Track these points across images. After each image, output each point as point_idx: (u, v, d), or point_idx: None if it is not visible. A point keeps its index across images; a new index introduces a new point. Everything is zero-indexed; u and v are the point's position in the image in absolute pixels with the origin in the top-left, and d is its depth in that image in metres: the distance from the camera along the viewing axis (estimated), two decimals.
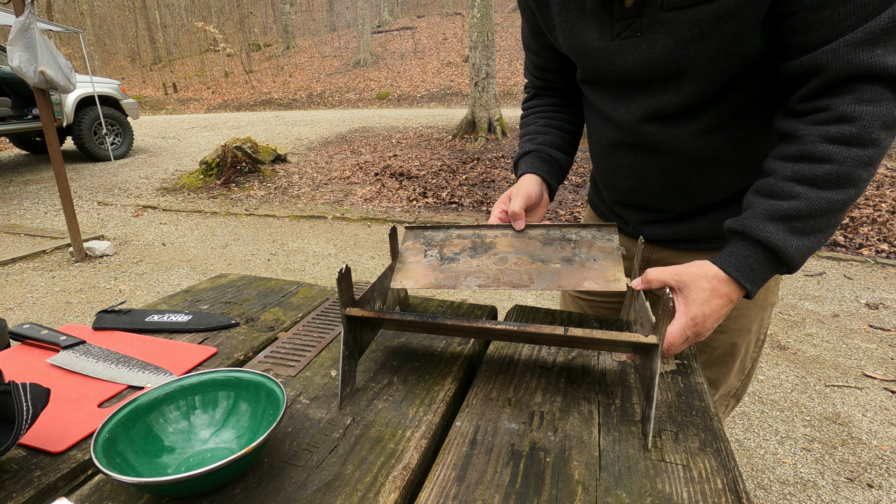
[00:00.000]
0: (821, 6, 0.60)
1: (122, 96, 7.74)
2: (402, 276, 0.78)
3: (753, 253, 0.65)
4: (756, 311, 0.92)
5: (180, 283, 3.48)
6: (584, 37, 0.79)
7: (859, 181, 0.62)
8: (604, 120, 0.88)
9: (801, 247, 0.63)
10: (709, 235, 0.88)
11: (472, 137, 7.85)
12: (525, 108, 1.06)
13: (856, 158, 0.60)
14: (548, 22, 0.85)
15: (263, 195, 5.78)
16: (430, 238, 0.83)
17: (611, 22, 0.74)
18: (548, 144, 0.95)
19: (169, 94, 20.57)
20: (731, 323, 0.91)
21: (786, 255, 0.63)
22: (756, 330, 0.95)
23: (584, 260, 0.75)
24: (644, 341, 0.58)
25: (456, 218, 4.76)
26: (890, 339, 2.55)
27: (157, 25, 31.58)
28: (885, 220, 4.09)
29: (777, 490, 1.68)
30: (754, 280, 0.65)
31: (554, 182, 0.93)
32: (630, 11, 0.71)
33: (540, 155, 0.94)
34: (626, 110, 0.81)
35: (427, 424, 0.61)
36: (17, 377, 0.71)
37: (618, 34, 0.74)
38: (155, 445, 0.56)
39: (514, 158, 0.98)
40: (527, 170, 0.92)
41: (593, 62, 0.80)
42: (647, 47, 0.72)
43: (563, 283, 0.72)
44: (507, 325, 0.63)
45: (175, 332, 0.87)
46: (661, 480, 0.52)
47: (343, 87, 17.34)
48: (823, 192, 0.62)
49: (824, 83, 0.62)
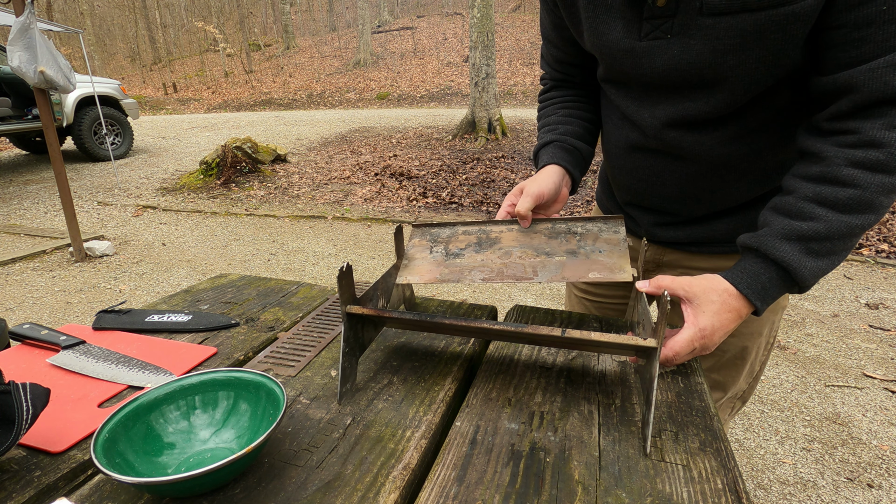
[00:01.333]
0: (865, 23, 0.57)
1: (122, 96, 7.74)
2: (408, 273, 0.78)
3: (766, 271, 0.64)
4: (768, 314, 0.91)
5: (180, 283, 3.48)
6: (609, 35, 0.75)
7: (880, 208, 0.61)
8: (624, 120, 0.85)
9: (815, 268, 0.63)
10: (724, 239, 0.87)
11: (472, 137, 7.85)
12: (542, 98, 1.02)
13: (880, 185, 0.59)
14: (572, 17, 0.81)
15: (263, 195, 5.78)
16: (437, 235, 0.83)
17: (639, 21, 0.71)
18: (570, 135, 0.91)
19: (169, 94, 20.57)
20: (743, 327, 0.90)
21: (799, 275, 0.63)
22: (767, 333, 0.94)
23: (590, 252, 0.74)
24: (642, 344, 0.58)
25: (456, 218, 4.76)
26: (890, 339, 2.55)
27: (157, 25, 31.58)
28: (886, 219, 4.09)
29: (777, 490, 1.68)
30: (765, 298, 0.64)
31: (577, 173, 0.89)
32: (661, 11, 0.68)
33: (562, 145, 0.90)
34: (649, 114, 0.78)
35: (427, 424, 0.61)
36: (17, 377, 0.71)
37: (646, 34, 0.71)
38: (155, 445, 0.56)
39: (534, 149, 0.95)
40: (549, 160, 0.87)
41: (619, 62, 0.77)
42: (679, 51, 0.69)
43: (567, 275, 0.72)
44: (505, 325, 0.63)
45: (175, 332, 0.87)
46: (661, 480, 0.52)
47: (343, 87, 17.34)
48: (844, 216, 0.61)
49: (856, 104, 0.60)
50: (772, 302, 0.65)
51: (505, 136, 7.96)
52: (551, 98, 1.00)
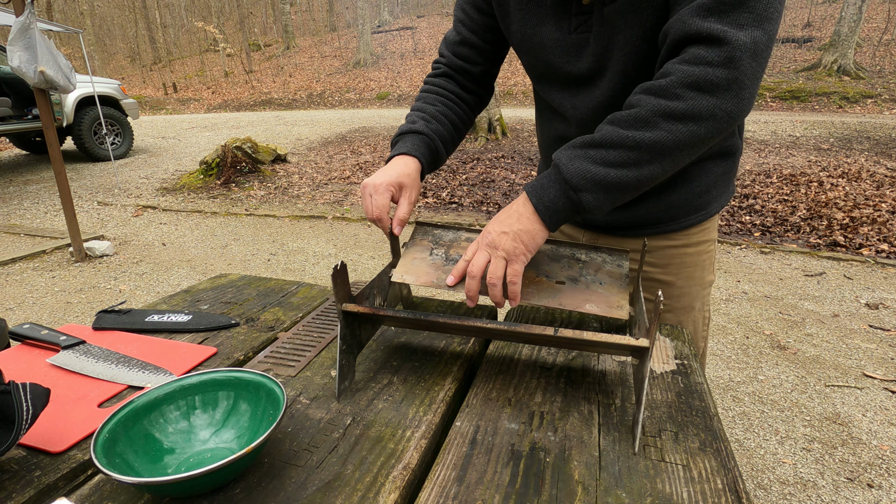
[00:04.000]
0: None
1: (122, 96, 7.74)
2: (404, 271, 0.76)
3: (549, 174, 0.69)
4: (696, 289, 0.97)
5: (180, 283, 3.48)
6: (542, 28, 0.81)
7: (656, 127, 0.64)
8: (554, 114, 0.91)
9: (581, 169, 0.66)
10: (643, 223, 0.92)
11: (472, 137, 7.85)
12: (429, 81, 0.99)
13: (654, 106, 0.64)
14: (503, 6, 0.85)
15: (263, 195, 5.78)
16: (439, 237, 0.82)
17: (569, 17, 0.78)
18: (437, 134, 0.90)
19: (169, 94, 20.57)
20: (674, 301, 0.96)
21: (565, 170, 0.67)
22: (699, 308, 1.00)
23: (590, 282, 0.73)
24: (634, 344, 0.58)
25: (456, 218, 4.76)
26: (890, 339, 2.55)
27: (157, 25, 31.58)
28: (885, 220, 4.09)
29: (777, 490, 1.68)
30: (540, 196, 0.68)
31: (427, 171, 0.89)
32: (587, 9, 0.76)
33: (427, 141, 0.88)
34: (571, 104, 0.85)
35: (427, 424, 0.61)
36: (17, 377, 0.71)
37: (574, 28, 0.78)
38: (155, 445, 0.56)
39: (400, 129, 0.91)
40: (410, 150, 0.85)
41: (548, 53, 0.83)
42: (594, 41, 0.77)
43: (564, 302, 0.71)
44: (498, 324, 0.63)
45: (175, 332, 0.87)
46: (661, 480, 0.52)
47: (343, 87, 17.34)
48: (618, 128, 0.66)
49: (668, 47, 0.67)
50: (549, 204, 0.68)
51: (505, 136, 7.96)
52: (438, 85, 0.97)
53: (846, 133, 7.19)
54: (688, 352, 0.79)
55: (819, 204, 4.55)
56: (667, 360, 0.77)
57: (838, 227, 4.06)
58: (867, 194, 4.72)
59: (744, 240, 3.99)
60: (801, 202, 4.66)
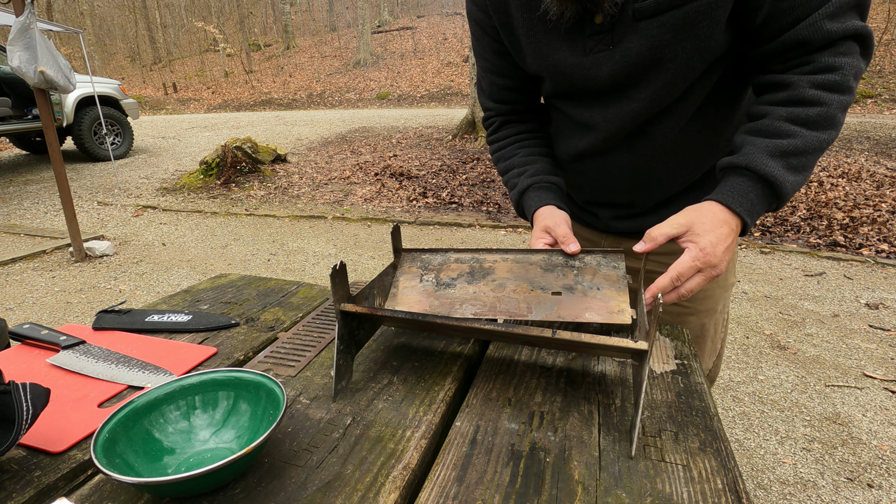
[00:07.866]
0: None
1: (122, 96, 7.74)
2: (396, 303, 0.76)
3: (754, 188, 0.68)
4: (719, 291, 0.97)
5: (180, 283, 3.48)
6: (555, 55, 0.80)
7: (839, 124, 0.68)
8: (575, 128, 0.89)
9: (794, 183, 0.68)
10: None
11: (472, 137, 7.85)
12: (494, 139, 1.01)
13: (839, 103, 0.67)
14: (514, 43, 0.85)
15: (263, 195, 5.78)
16: (427, 262, 0.80)
17: (583, 39, 0.77)
18: (543, 172, 0.92)
19: (169, 94, 20.57)
20: (699, 304, 0.96)
21: (783, 190, 0.67)
22: (721, 310, 1.00)
23: (587, 289, 0.71)
24: (632, 347, 0.56)
25: (456, 218, 4.76)
26: (890, 339, 2.55)
27: (157, 25, 31.57)
28: (886, 220, 4.09)
29: (777, 490, 1.68)
30: (752, 213, 0.69)
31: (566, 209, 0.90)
32: (600, 27, 0.74)
33: (541, 185, 0.90)
34: (602, 118, 0.83)
35: (427, 424, 0.61)
36: (17, 377, 0.71)
37: (591, 49, 0.77)
38: (155, 445, 0.56)
39: (514, 197, 0.93)
40: (539, 204, 0.88)
41: (567, 78, 0.82)
42: (622, 57, 0.75)
43: (562, 314, 0.70)
44: (497, 325, 0.62)
45: (175, 332, 0.87)
46: (661, 480, 0.52)
47: (343, 87, 17.34)
48: (815, 132, 0.67)
49: (807, 51, 0.68)
50: (757, 218, 0.70)
51: None
52: (505, 138, 0.99)
53: (846, 133, 7.19)
54: (688, 352, 0.79)
55: (819, 204, 4.55)
56: (667, 359, 0.77)
57: (838, 227, 4.06)
58: (867, 194, 4.72)
59: (744, 240, 3.99)
60: (801, 202, 4.66)
